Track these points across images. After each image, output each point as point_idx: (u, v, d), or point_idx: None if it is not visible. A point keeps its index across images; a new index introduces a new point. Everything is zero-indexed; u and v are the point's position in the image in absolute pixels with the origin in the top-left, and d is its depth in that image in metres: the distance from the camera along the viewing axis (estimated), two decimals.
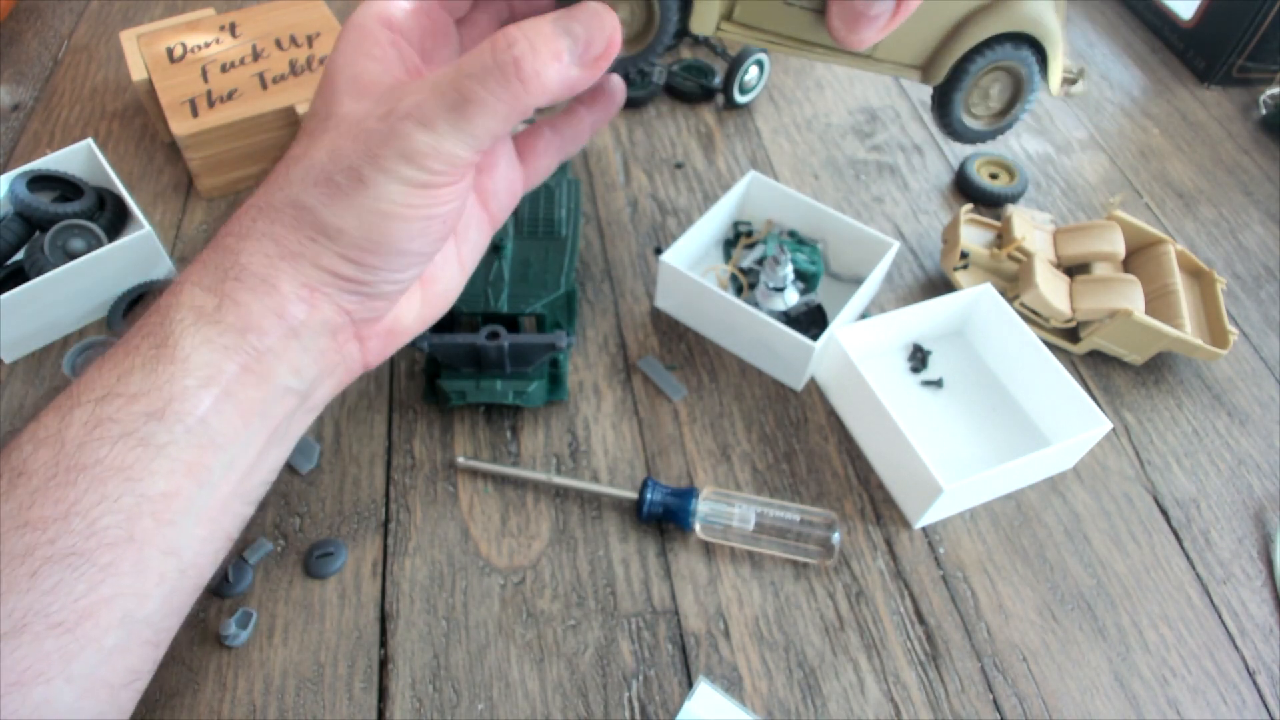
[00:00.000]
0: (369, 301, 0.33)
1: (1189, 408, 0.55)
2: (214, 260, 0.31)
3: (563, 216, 0.55)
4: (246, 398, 0.30)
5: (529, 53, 0.28)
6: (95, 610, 0.27)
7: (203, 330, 0.30)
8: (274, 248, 0.30)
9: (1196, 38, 0.80)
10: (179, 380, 0.29)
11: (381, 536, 0.45)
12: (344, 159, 0.29)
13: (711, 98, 0.73)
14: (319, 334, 0.32)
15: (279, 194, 0.31)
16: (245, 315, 0.30)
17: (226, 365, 0.30)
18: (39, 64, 0.73)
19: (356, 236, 0.30)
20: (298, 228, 0.30)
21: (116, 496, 0.28)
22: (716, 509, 0.45)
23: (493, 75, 0.27)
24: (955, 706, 0.41)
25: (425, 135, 0.28)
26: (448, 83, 0.28)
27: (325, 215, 0.30)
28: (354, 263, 0.31)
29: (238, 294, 0.30)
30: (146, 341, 0.30)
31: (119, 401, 0.29)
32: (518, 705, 0.40)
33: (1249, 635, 0.45)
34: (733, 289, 0.57)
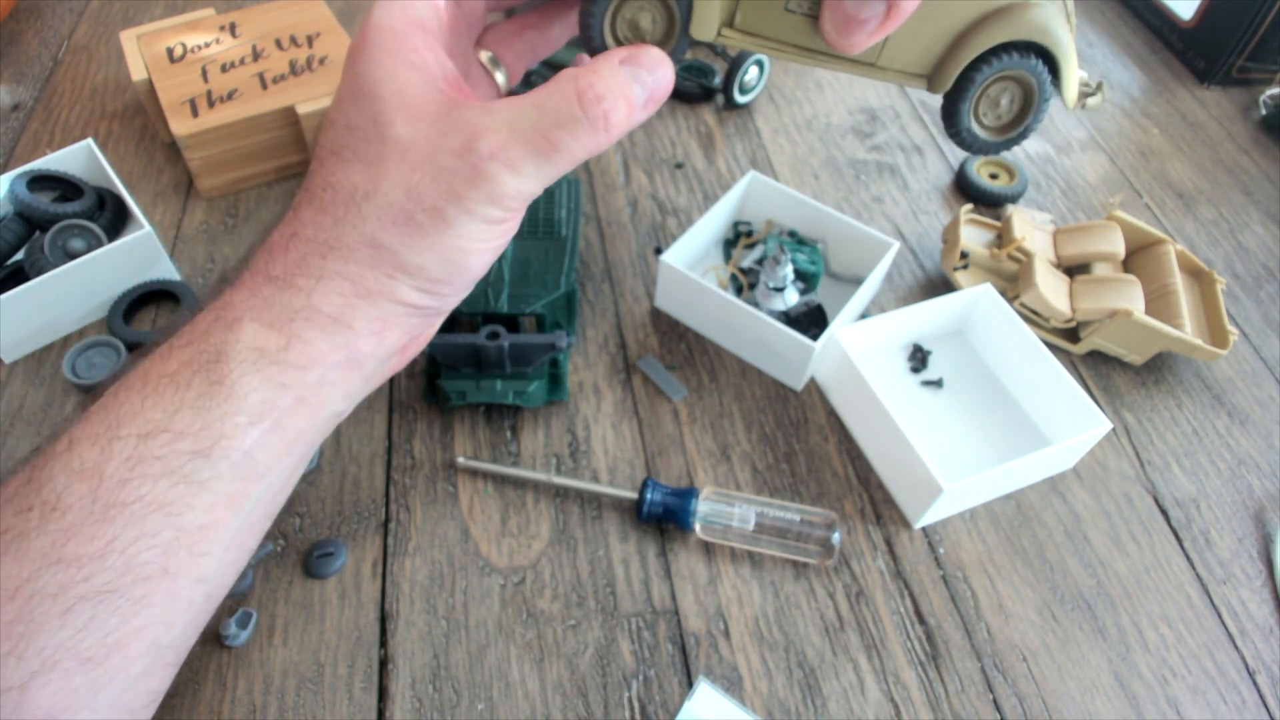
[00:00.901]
0: (430, 320, 0.34)
1: (1189, 408, 0.55)
2: (280, 299, 0.30)
3: (563, 216, 0.55)
4: (295, 428, 0.30)
5: (613, 106, 0.29)
6: (125, 643, 0.27)
7: (264, 370, 0.29)
8: (350, 287, 0.30)
9: (1196, 38, 0.80)
10: (231, 418, 0.29)
11: (381, 536, 0.45)
12: (425, 199, 0.29)
13: (711, 98, 0.73)
14: (382, 361, 0.32)
15: (351, 232, 0.30)
16: (312, 353, 0.30)
17: (281, 400, 0.29)
18: (39, 64, 0.73)
19: (435, 272, 0.30)
20: (375, 266, 0.30)
21: (155, 532, 0.28)
22: (716, 509, 0.45)
23: (583, 127, 0.29)
24: (955, 706, 0.41)
25: (512, 179, 0.29)
26: (533, 128, 0.29)
27: (406, 255, 0.30)
28: (429, 294, 0.31)
29: (306, 333, 0.30)
30: (199, 377, 0.29)
31: (165, 438, 0.28)
32: (518, 705, 0.40)
33: (1249, 635, 0.45)
34: (733, 289, 0.57)
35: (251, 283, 0.30)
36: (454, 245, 0.30)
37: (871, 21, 0.29)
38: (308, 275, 0.30)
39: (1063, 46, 0.31)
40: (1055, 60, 0.32)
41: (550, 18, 0.37)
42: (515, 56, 0.36)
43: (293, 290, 0.30)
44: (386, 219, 0.29)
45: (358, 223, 0.30)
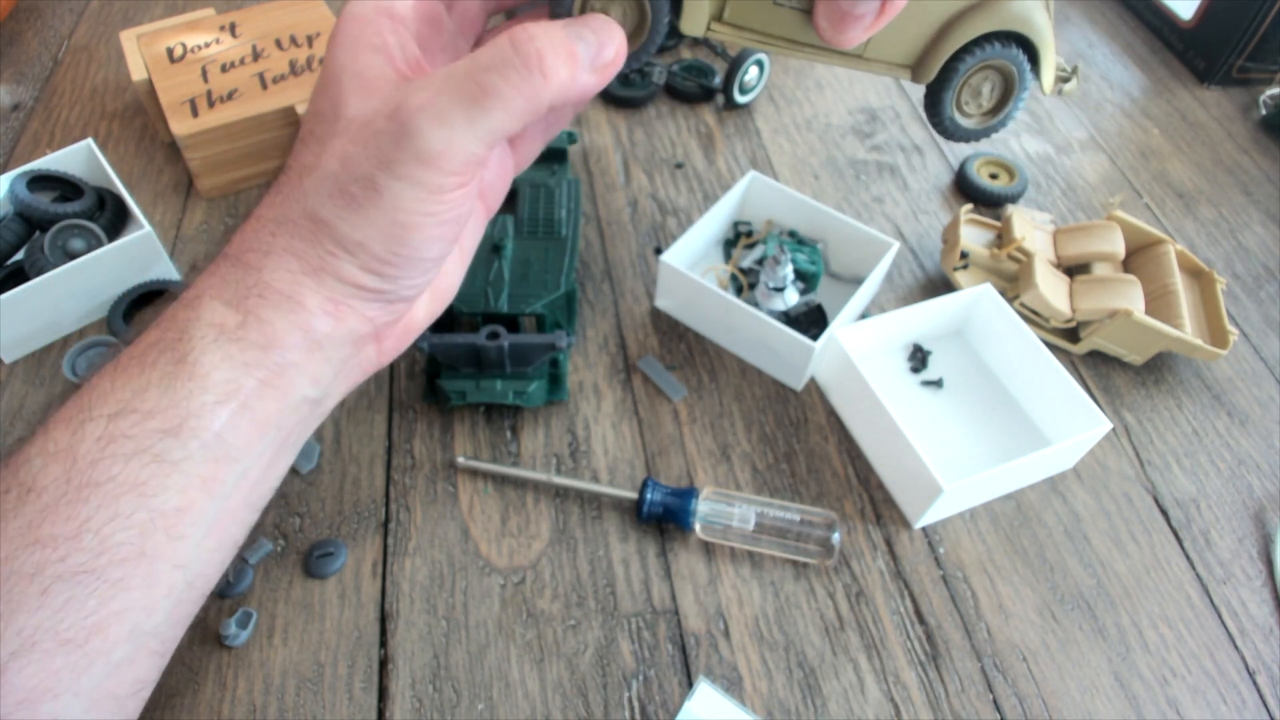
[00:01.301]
0: (391, 306, 0.33)
1: (1189, 408, 0.55)
2: (235, 276, 0.30)
3: (563, 216, 0.55)
4: (263, 410, 0.30)
5: (549, 48, 0.27)
6: (105, 625, 0.27)
7: (224, 347, 0.29)
8: (296, 264, 0.30)
9: (1196, 38, 0.80)
10: (197, 397, 0.29)
11: (381, 536, 0.45)
12: (357, 167, 0.28)
13: (711, 98, 0.73)
14: (343, 344, 0.32)
15: (295, 206, 0.30)
16: (269, 332, 0.30)
17: (246, 381, 0.29)
18: (39, 64, 0.73)
19: (377, 249, 0.30)
20: (317, 242, 0.30)
21: (129, 513, 0.28)
22: (716, 509, 0.45)
23: (514, 67, 0.27)
24: (955, 706, 0.41)
25: (440, 130, 0.27)
26: (463, 74, 0.27)
27: (344, 229, 0.29)
28: (376, 274, 0.31)
29: (261, 310, 0.30)
30: (164, 356, 0.29)
31: (134, 417, 0.28)
32: (518, 705, 0.40)
33: (1249, 635, 0.45)
34: (733, 289, 0.57)
35: (214, 264, 0.31)
36: (390, 219, 0.29)
37: (866, 17, 0.29)
38: (257, 250, 0.30)
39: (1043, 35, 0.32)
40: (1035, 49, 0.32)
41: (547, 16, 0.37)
42: None
43: (244, 266, 0.30)
44: (323, 192, 0.29)
45: (300, 198, 0.30)
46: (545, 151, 0.61)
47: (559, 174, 0.59)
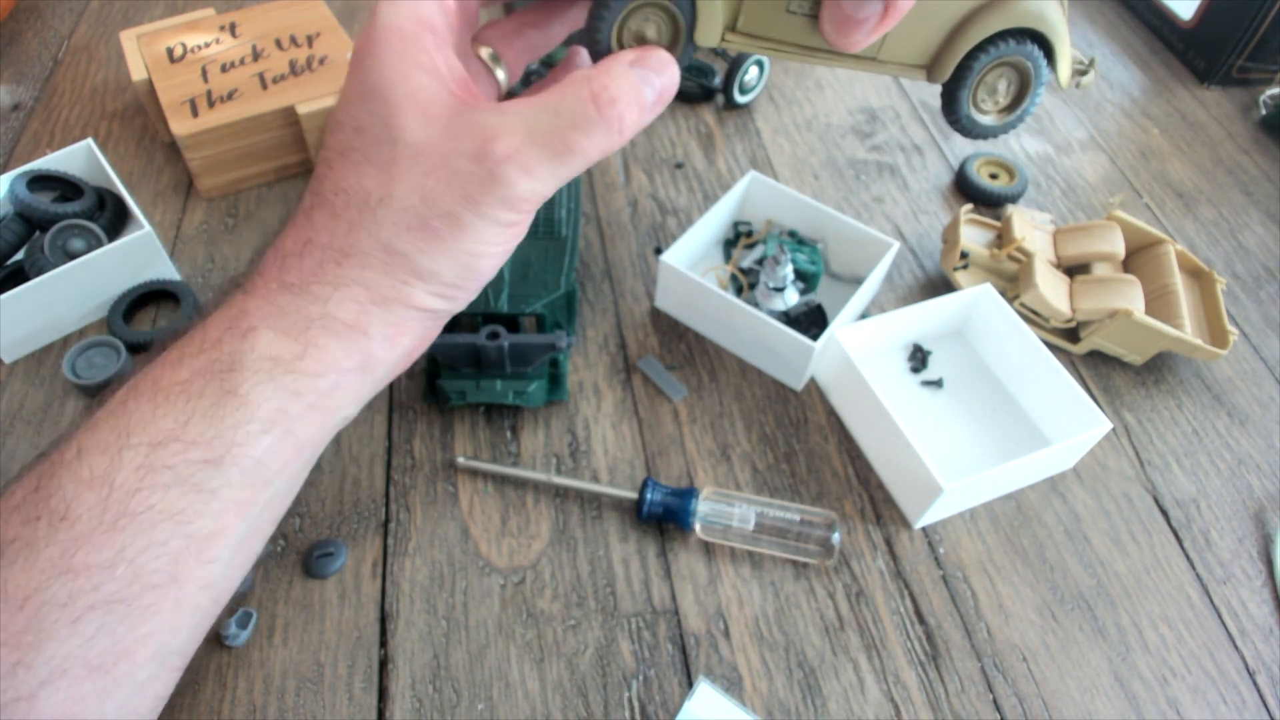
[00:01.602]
0: (441, 321, 0.34)
1: (1189, 408, 0.55)
2: (296, 306, 0.30)
3: (563, 216, 0.55)
4: (305, 433, 0.30)
5: (627, 108, 0.29)
6: (132, 650, 0.27)
7: (279, 379, 0.29)
8: (365, 294, 0.30)
9: (1196, 38, 0.80)
10: (243, 427, 0.29)
11: (381, 536, 0.45)
12: (440, 204, 0.29)
13: (711, 98, 0.73)
14: (394, 365, 0.32)
15: (366, 238, 0.30)
16: (327, 360, 0.30)
17: (294, 408, 0.30)
18: (39, 64, 0.73)
19: (449, 276, 0.31)
20: (391, 272, 0.30)
21: (164, 541, 0.28)
22: (716, 509, 0.45)
23: (597, 129, 0.29)
24: (955, 706, 0.41)
25: (526, 182, 0.29)
26: (548, 131, 0.29)
27: (421, 260, 0.30)
28: (443, 297, 0.31)
29: (323, 340, 0.30)
30: (212, 386, 0.29)
31: (176, 447, 0.28)
32: (518, 705, 0.40)
33: (1249, 635, 0.45)
34: (733, 289, 0.57)
35: (265, 290, 0.30)
36: (468, 249, 0.30)
37: (870, 20, 0.29)
38: (324, 283, 0.30)
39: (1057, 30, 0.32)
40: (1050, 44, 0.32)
41: (550, 15, 0.37)
42: (515, 54, 0.36)
43: (309, 298, 0.30)
44: (402, 225, 0.29)
45: (373, 229, 0.30)
46: None
47: None
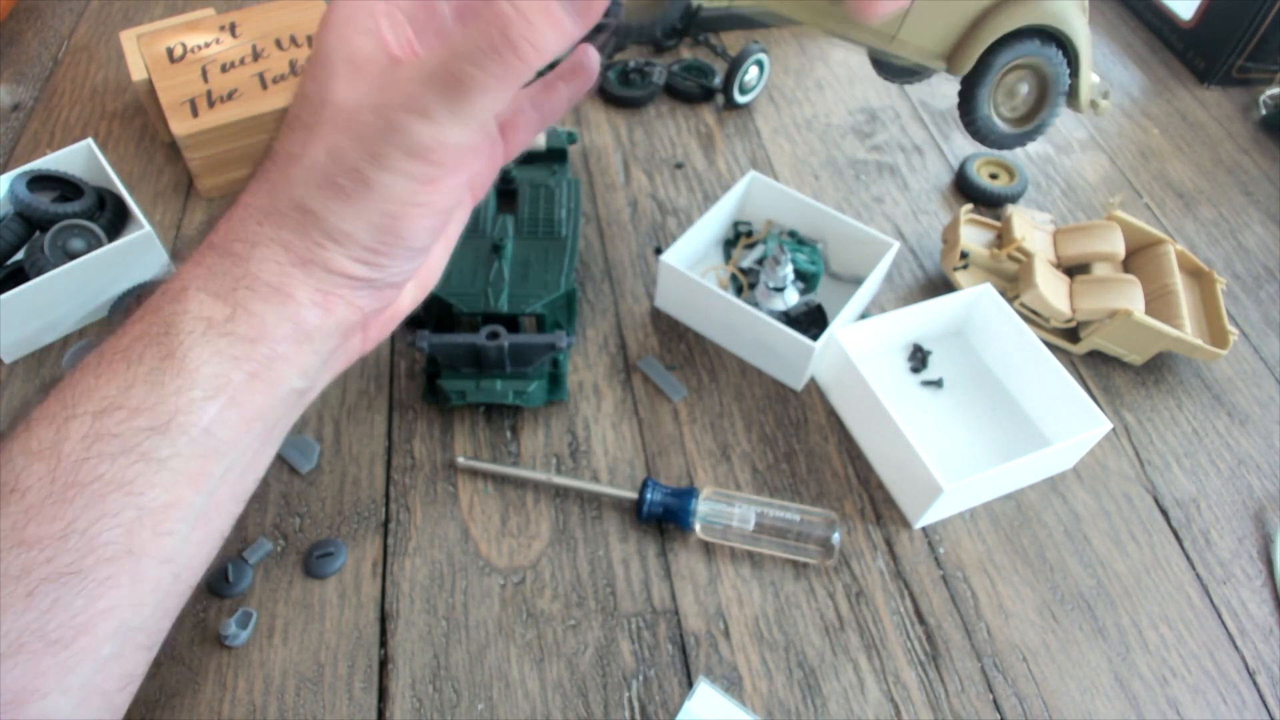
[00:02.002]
0: (379, 294, 0.32)
1: (1189, 408, 0.55)
2: (221, 267, 0.29)
3: (563, 216, 0.55)
4: (251, 404, 0.30)
5: (523, 25, 0.26)
6: (92, 624, 0.27)
7: (213, 341, 0.29)
8: (284, 255, 0.29)
9: (1196, 38, 0.80)
10: (185, 392, 0.28)
11: (381, 536, 0.45)
12: (345, 159, 0.28)
13: (711, 98, 0.73)
14: (331, 335, 0.31)
15: (282, 196, 0.29)
16: (259, 325, 0.29)
17: (235, 374, 0.29)
18: (39, 64, 0.73)
19: (365, 239, 0.29)
20: (305, 233, 0.29)
21: (116, 512, 0.27)
22: (716, 509, 0.45)
23: (486, 55, 0.26)
24: (955, 706, 0.41)
25: (425, 126, 0.27)
26: (439, 66, 0.27)
27: (332, 220, 0.29)
28: (365, 263, 0.30)
29: (251, 303, 0.29)
30: (151, 351, 0.28)
31: (120, 414, 0.27)
32: (518, 705, 0.40)
33: (1249, 635, 0.45)
34: (733, 289, 0.57)
35: (198, 254, 0.30)
36: (381, 209, 0.29)
37: None
38: (244, 241, 0.29)
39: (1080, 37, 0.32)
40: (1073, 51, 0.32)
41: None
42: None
43: (232, 258, 0.29)
44: (312, 182, 0.28)
45: (287, 187, 0.29)
46: (545, 151, 0.61)
47: (559, 174, 0.59)
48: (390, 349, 0.53)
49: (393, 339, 0.54)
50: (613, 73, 0.72)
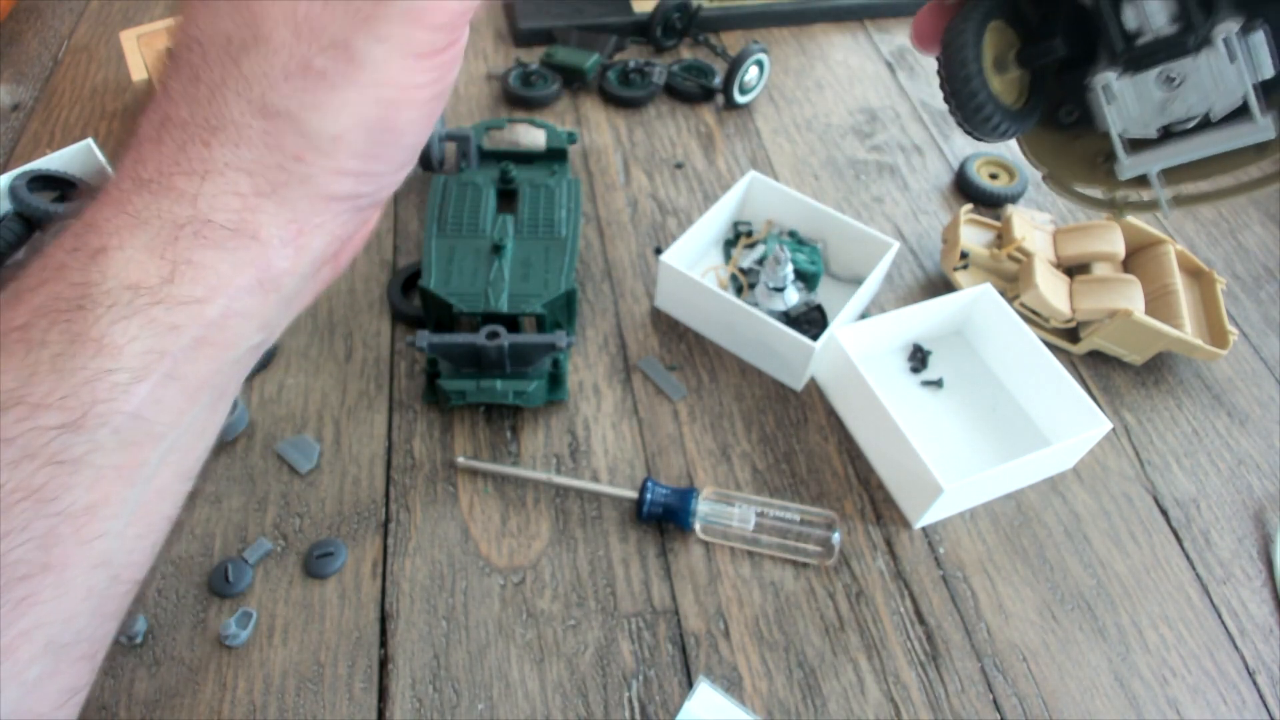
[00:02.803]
0: (363, 214, 0.26)
1: (1189, 408, 0.55)
2: (156, 210, 0.22)
3: (563, 216, 0.55)
4: (196, 374, 0.24)
5: None
6: (13, 648, 0.23)
7: (145, 312, 0.22)
8: (248, 183, 0.23)
9: None
10: (105, 378, 0.22)
11: (381, 536, 0.45)
12: (324, 31, 0.22)
13: (711, 98, 0.73)
14: (304, 277, 0.25)
15: (234, 101, 0.22)
16: (210, 280, 0.23)
17: (174, 345, 0.23)
18: (39, 64, 0.73)
19: (358, 141, 0.23)
20: (276, 147, 0.23)
21: (25, 525, 0.22)
22: (716, 509, 0.45)
23: None
24: (955, 706, 0.41)
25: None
26: None
27: (313, 121, 0.22)
28: (356, 176, 0.24)
29: (198, 255, 0.23)
30: (56, 331, 0.22)
31: (19, 411, 0.22)
32: (518, 705, 0.40)
33: (1249, 635, 0.45)
34: (733, 289, 0.57)
35: (117, 193, 0.23)
36: (375, 96, 0.23)
37: None
38: (189, 173, 0.22)
39: None
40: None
41: None
42: None
43: (172, 196, 0.22)
44: (277, 73, 0.22)
45: (241, 86, 0.22)
46: (545, 151, 0.61)
47: (559, 174, 0.59)
48: (390, 349, 0.53)
49: (393, 339, 0.54)
50: (613, 73, 0.72)
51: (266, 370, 0.52)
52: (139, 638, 0.41)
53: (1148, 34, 0.24)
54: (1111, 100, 0.25)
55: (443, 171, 0.61)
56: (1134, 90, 0.25)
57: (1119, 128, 0.25)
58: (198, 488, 0.47)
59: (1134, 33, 0.24)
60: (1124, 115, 0.25)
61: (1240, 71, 0.23)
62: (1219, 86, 0.23)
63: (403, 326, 0.55)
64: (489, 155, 0.61)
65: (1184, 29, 0.23)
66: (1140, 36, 0.24)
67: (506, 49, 0.76)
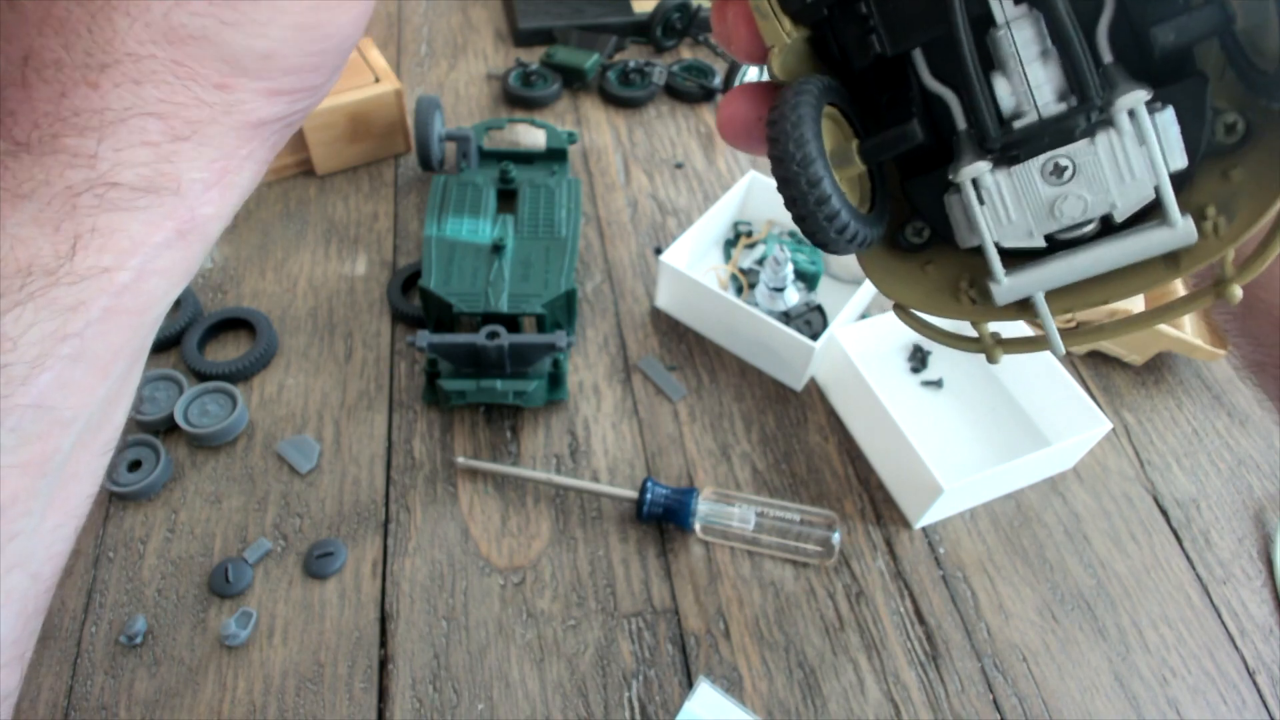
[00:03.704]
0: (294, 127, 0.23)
1: (1189, 408, 0.55)
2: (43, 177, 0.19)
3: (563, 216, 0.55)
4: (106, 347, 0.21)
5: None
6: None
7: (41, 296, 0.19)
8: (159, 126, 0.19)
9: None
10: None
11: (381, 536, 0.45)
12: None
13: (711, 98, 0.73)
14: (230, 215, 0.22)
15: (132, 27, 0.18)
16: (121, 245, 0.20)
17: (77, 325, 0.20)
18: None
19: (291, 55, 0.20)
20: (191, 74, 0.19)
21: None
22: (716, 509, 0.45)
23: None
24: (955, 706, 0.41)
25: None
26: None
27: (237, 39, 0.19)
28: (288, 94, 0.21)
29: (104, 221, 0.19)
30: None
31: None
32: (518, 705, 0.40)
33: (1249, 635, 0.45)
34: (733, 289, 0.57)
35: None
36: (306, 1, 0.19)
37: None
38: (82, 130, 0.19)
39: None
40: None
41: None
42: None
43: (62, 160, 0.19)
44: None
45: (137, 9, 0.18)
46: (545, 151, 0.62)
47: (559, 174, 0.59)
48: (390, 349, 0.53)
49: (393, 339, 0.54)
50: (613, 73, 0.72)
51: (266, 370, 0.52)
52: (139, 638, 0.41)
53: (1029, 114, 0.18)
54: (984, 200, 0.19)
55: (443, 171, 0.61)
56: (1013, 186, 0.19)
57: (994, 236, 0.19)
58: (197, 487, 0.47)
59: (1011, 114, 0.19)
60: (999, 221, 0.19)
61: (1152, 156, 0.17)
62: (1124, 177, 0.18)
63: (403, 326, 0.55)
64: (489, 155, 0.61)
65: (1077, 105, 0.18)
66: (1019, 118, 0.18)
67: (506, 49, 0.76)
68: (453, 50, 0.75)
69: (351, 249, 0.58)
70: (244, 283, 0.56)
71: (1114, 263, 0.19)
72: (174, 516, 0.45)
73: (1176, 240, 0.18)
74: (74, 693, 0.39)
